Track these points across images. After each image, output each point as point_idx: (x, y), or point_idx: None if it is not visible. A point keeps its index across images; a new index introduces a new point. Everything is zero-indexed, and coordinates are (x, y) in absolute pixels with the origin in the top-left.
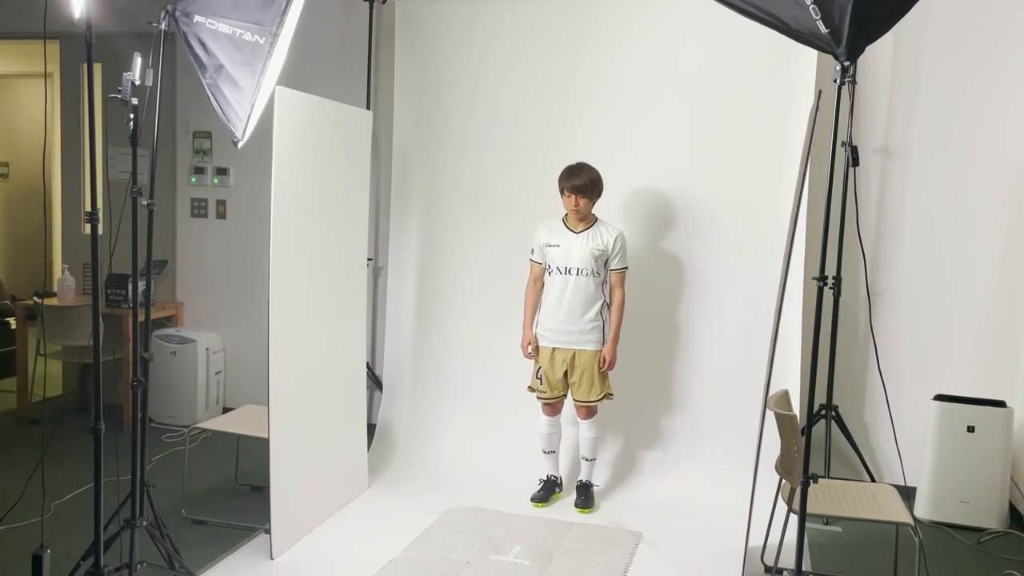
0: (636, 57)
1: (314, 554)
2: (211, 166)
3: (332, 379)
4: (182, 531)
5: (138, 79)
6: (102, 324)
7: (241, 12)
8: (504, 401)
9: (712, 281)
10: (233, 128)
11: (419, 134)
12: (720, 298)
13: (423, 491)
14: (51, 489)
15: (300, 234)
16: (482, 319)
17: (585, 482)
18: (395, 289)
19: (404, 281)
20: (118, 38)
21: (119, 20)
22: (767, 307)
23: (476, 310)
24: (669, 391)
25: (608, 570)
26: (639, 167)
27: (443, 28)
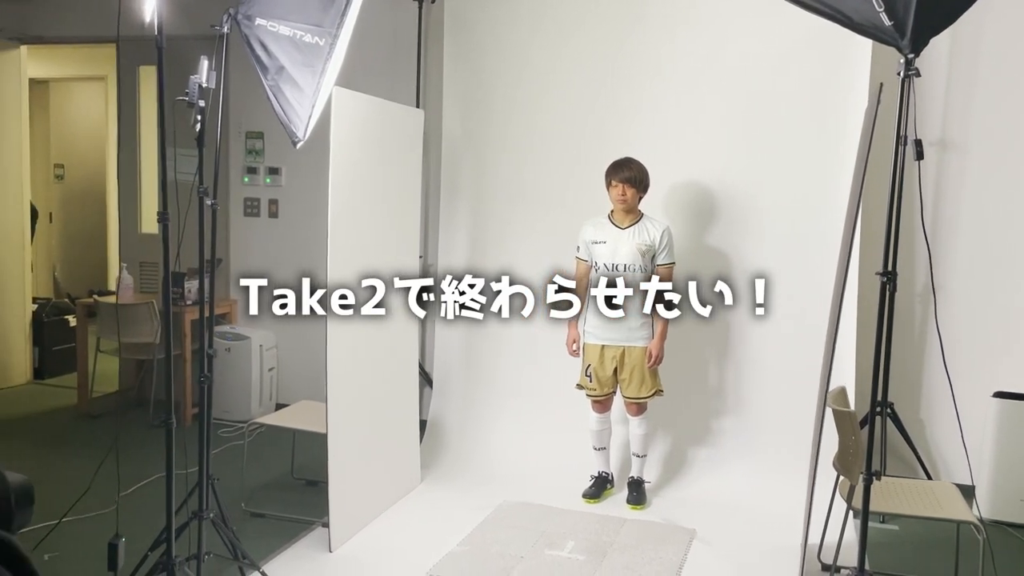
0: (684, 51)
1: (371, 547)
2: (263, 166)
3: (386, 375)
4: (242, 524)
5: (205, 81)
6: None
7: (301, 14)
8: (553, 397)
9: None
10: (294, 128)
11: (467, 131)
12: (770, 294)
13: (474, 486)
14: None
15: (356, 232)
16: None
17: (637, 478)
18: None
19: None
20: (172, 41)
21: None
22: (817, 303)
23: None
24: (718, 388)
25: (663, 566)
26: (686, 162)
27: (491, 26)
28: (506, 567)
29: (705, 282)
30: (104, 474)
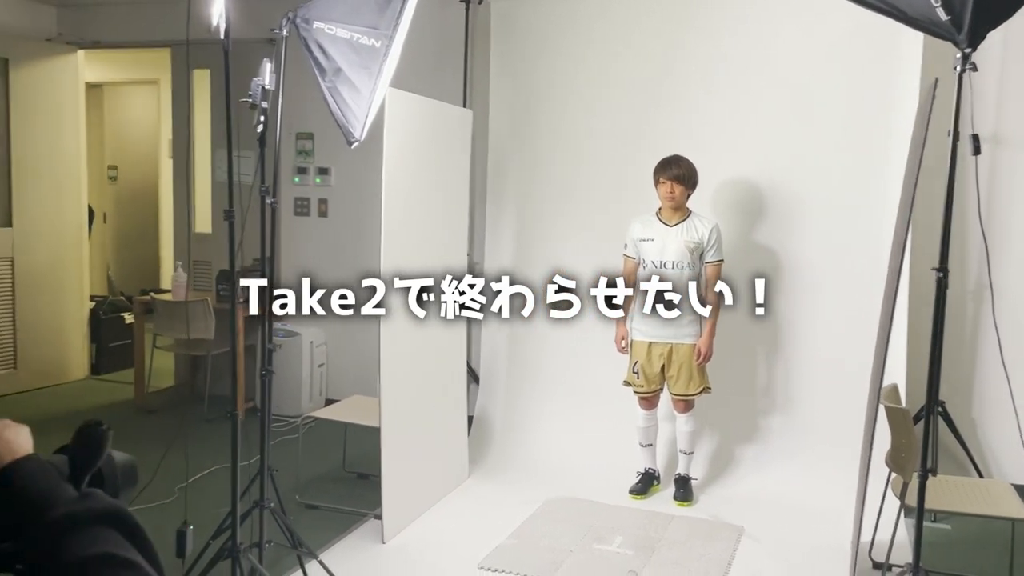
0: (733, 48)
1: (422, 539)
2: (313, 166)
3: (435, 372)
4: (297, 515)
5: (267, 83)
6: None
7: (358, 17)
8: (599, 394)
9: (810, 274)
10: (351, 128)
11: (514, 131)
12: (818, 291)
13: (521, 481)
14: (172, 474)
15: (408, 231)
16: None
17: (683, 475)
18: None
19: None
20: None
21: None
22: (867, 300)
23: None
24: (767, 386)
25: (712, 562)
26: (735, 159)
27: (538, 26)
28: (556, 560)
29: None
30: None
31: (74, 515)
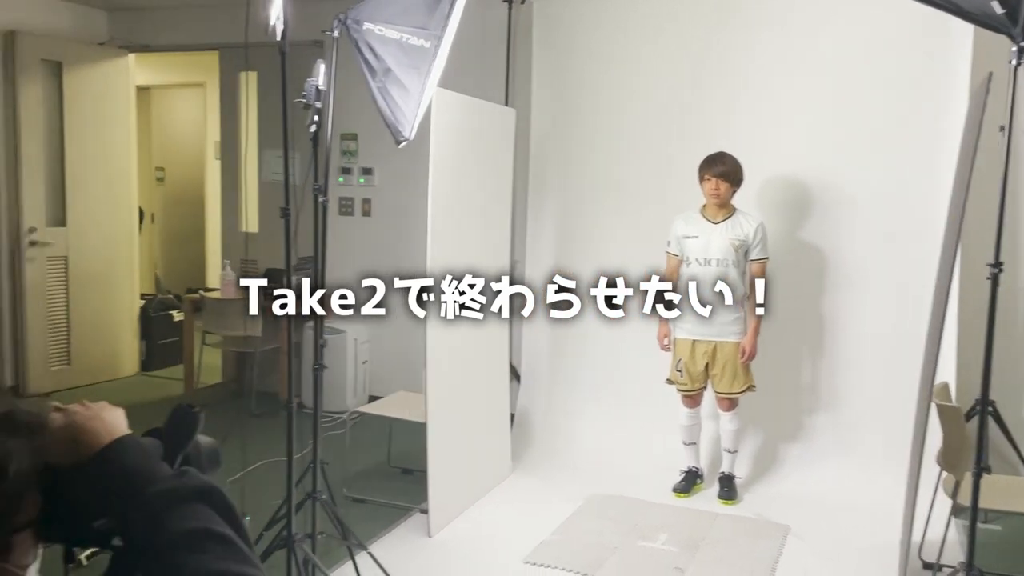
0: (778, 43)
1: (468, 534)
2: (357, 166)
3: (478, 369)
4: (345, 508)
5: (322, 84)
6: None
7: (408, 18)
8: (641, 392)
9: (856, 271)
10: (401, 128)
11: (556, 130)
12: (865, 289)
13: (563, 478)
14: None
15: (453, 230)
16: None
17: (728, 474)
18: (532, 281)
19: (541, 274)
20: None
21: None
22: (916, 297)
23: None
24: (812, 384)
25: (758, 561)
26: (780, 156)
27: (580, 24)
28: (601, 556)
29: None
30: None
31: (171, 492)
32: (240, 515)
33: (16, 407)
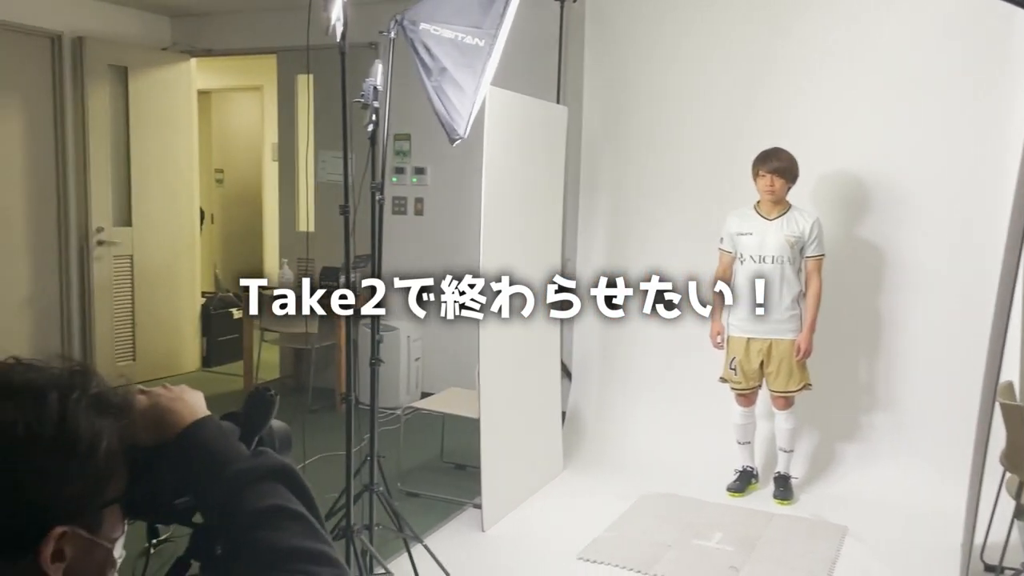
0: (835, 36)
1: (521, 529)
2: (410, 166)
3: (530, 367)
4: (399, 502)
5: (379, 84)
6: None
7: (463, 17)
8: (694, 391)
9: (915, 269)
10: (455, 126)
11: (608, 128)
12: (925, 286)
13: (615, 476)
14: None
15: (506, 228)
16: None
17: (783, 474)
18: (583, 279)
19: (592, 271)
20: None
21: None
22: (977, 294)
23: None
24: (869, 382)
25: (815, 561)
26: (836, 153)
27: (633, 21)
28: (655, 554)
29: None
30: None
31: (249, 471)
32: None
33: (106, 389)
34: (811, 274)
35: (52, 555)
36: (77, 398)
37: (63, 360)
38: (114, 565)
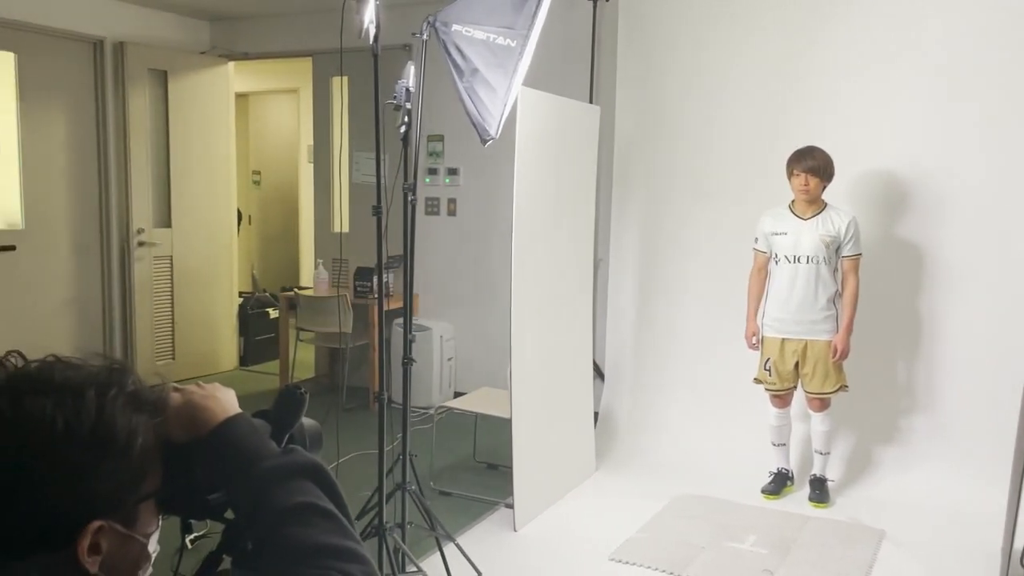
0: (875, 31)
1: (553, 529)
2: (443, 167)
3: (562, 366)
4: (431, 500)
5: (412, 85)
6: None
7: (494, 18)
8: (728, 392)
9: (955, 269)
10: (487, 127)
11: (641, 127)
12: (965, 287)
13: (648, 477)
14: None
15: (537, 228)
16: (704, 310)
17: (819, 476)
18: (616, 280)
19: (625, 272)
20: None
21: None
22: (1019, 296)
23: (698, 301)
24: (907, 384)
25: (852, 565)
26: (874, 151)
27: (667, 20)
28: (688, 555)
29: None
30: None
31: (279, 468)
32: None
33: (142, 386)
34: (847, 274)
35: (89, 548)
36: (114, 395)
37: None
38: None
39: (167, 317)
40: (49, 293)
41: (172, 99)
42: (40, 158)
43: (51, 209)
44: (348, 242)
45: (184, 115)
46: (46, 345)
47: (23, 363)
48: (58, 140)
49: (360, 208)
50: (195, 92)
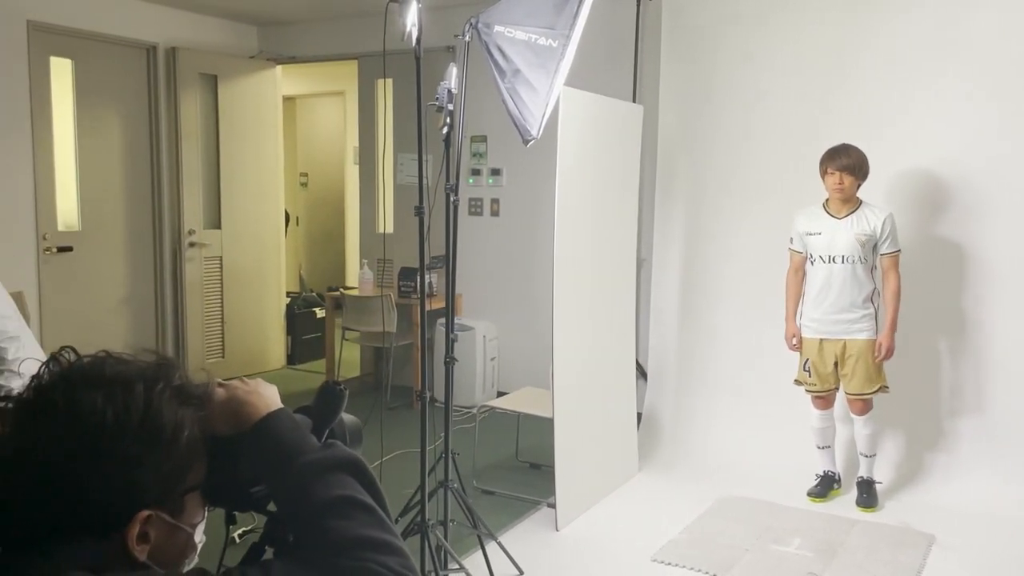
0: (917, 28)
1: (595, 529)
2: (486, 167)
3: (605, 366)
4: (474, 499)
5: (454, 87)
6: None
7: (536, 19)
8: (772, 393)
9: (1001, 268)
10: (528, 127)
11: (684, 126)
12: (1013, 287)
13: (692, 478)
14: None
15: (580, 228)
16: (747, 310)
17: (867, 479)
18: (659, 280)
19: (668, 272)
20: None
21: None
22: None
23: (741, 301)
24: (956, 385)
25: (900, 569)
26: (916, 149)
27: (710, 19)
28: (731, 557)
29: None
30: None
31: (319, 461)
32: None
33: (187, 381)
34: (887, 271)
35: (138, 537)
36: (161, 389)
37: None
38: (195, 549)
39: (217, 316)
40: (105, 292)
41: (222, 103)
42: (96, 162)
43: (106, 211)
44: (393, 243)
45: (233, 118)
46: (102, 343)
47: (76, 358)
48: (113, 144)
49: (404, 209)
50: (244, 95)
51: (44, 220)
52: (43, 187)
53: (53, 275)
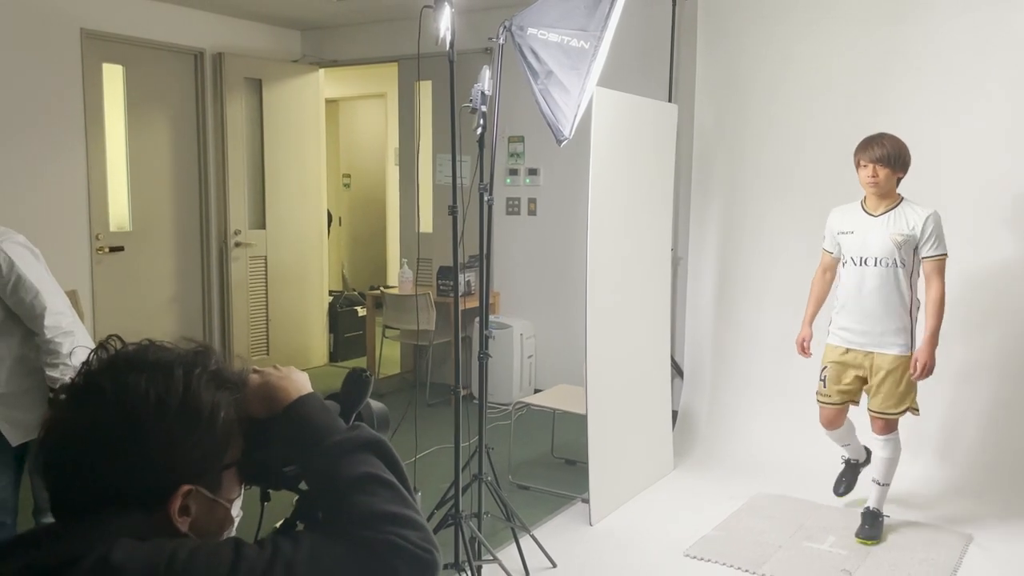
0: (962, 25)
1: (628, 525)
2: (523, 167)
3: (639, 363)
4: (509, 494)
5: (487, 88)
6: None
7: (568, 21)
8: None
9: None
10: (561, 128)
11: (720, 125)
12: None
13: (727, 476)
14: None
15: (613, 227)
16: (783, 310)
17: (873, 510)
18: (695, 278)
19: (704, 271)
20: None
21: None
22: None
23: (777, 300)
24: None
25: (935, 568)
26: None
27: (746, 18)
28: (764, 554)
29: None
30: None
31: (346, 442)
32: (403, 467)
33: (224, 366)
34: (930, 277)
35: (179, 510)
36: (199, 373)
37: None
38: (232, 523)
39: (262, 314)
40: (154, 291)
41: (266, 106)
42: (146, 164)
43: (156, 212)
44: (432, 242)
45: (277, 121)
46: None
47: (121, 345)
48: (162, 147)
49: (442, 209)
50: (288, 99)
51: (97, 221)
52: (96, 189)
53: (105, 274)
